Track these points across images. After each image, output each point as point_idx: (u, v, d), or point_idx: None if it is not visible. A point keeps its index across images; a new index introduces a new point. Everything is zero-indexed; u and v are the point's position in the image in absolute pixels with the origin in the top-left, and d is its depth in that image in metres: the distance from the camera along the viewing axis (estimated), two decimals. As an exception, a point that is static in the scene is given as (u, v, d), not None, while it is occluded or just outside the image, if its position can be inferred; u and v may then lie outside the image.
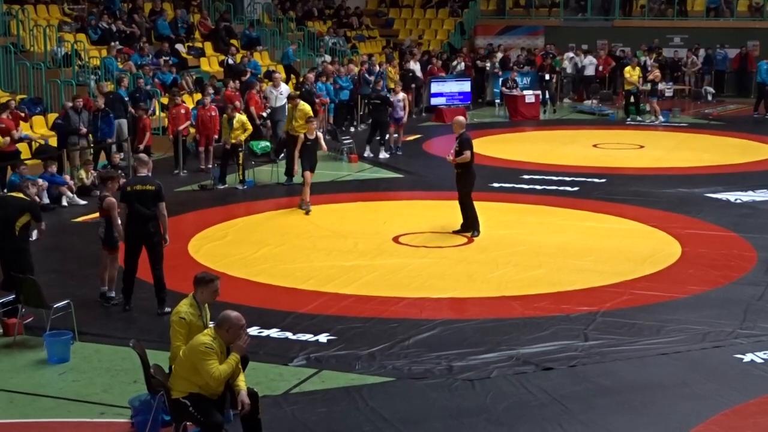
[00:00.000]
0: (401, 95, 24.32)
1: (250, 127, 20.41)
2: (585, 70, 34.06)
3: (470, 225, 15.68)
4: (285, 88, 23.62)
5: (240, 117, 20.11)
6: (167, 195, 17.78)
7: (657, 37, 35.58)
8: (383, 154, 23.18)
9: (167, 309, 11.51)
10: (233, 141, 19.59)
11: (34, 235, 12.36)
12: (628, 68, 30.43)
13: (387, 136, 23.53)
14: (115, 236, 12.37)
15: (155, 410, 8.60)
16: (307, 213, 17.20)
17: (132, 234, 11.99)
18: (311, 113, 19.48)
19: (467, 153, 15.43)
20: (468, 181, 15.64)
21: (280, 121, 22.78)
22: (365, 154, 23.15)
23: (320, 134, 17.92)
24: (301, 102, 19.92)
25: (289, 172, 19.95)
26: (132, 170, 12.58)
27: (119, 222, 12.24)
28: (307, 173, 17.40)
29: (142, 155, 13.08)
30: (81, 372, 10.32)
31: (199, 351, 7.97)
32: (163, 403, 8.43)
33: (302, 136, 17.52)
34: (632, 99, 30.21)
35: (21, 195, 11.80)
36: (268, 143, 22.23)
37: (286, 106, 20.86)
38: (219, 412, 8.08)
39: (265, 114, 23.55)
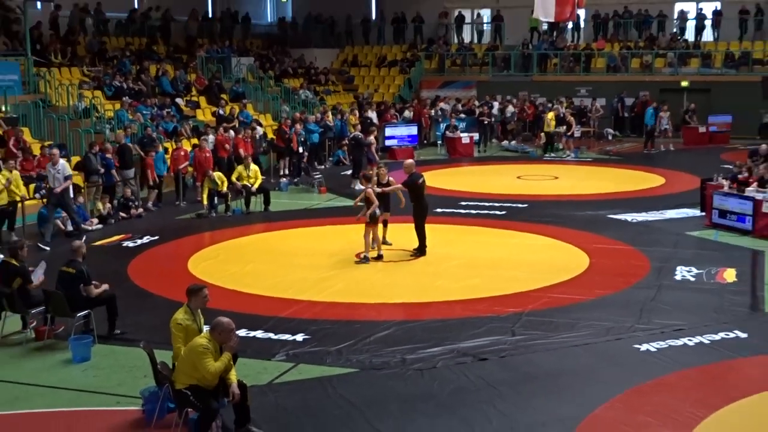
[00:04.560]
0: (371, 138, 24.50)
1: (225, 179, 20.40)
2: (508, 116, 34.23)
3: (419, 247, 15.59)
4: (63, 166, 17.04)
5: (217, 173, 20.28)
6: (171, 222, 17.75)
7: (567, 89, 35.88)
8: (358, 186, 23.07)
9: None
10: (220, 189, 19.92)
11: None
12: (551, 114, 30.57)
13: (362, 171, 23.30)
14: (374, 213, 14.79)
15: (162, 399, 8.56)
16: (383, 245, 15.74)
17: None
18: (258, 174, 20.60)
19: (398, 185, 15.54)
20: (420, 211, 15.50)
21: (59, 206, 17.13)
22: (352, 186, 23.05)
23: (392, 179, 15.91)
24: (253, 164, 20.90)
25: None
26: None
27: (376, 201, 14.83)
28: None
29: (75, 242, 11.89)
30: (100, 369, 10.26)
31: (197, 351, 7.95)
32: (168, 393, 8.40)
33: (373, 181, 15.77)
34: (547, 139, 30.46)
35: (13, 261, 11.48)
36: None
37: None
38: (215, 400, 8.05)
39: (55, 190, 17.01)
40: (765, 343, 10.80)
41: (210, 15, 38.21)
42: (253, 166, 20.85)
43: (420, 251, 15.54)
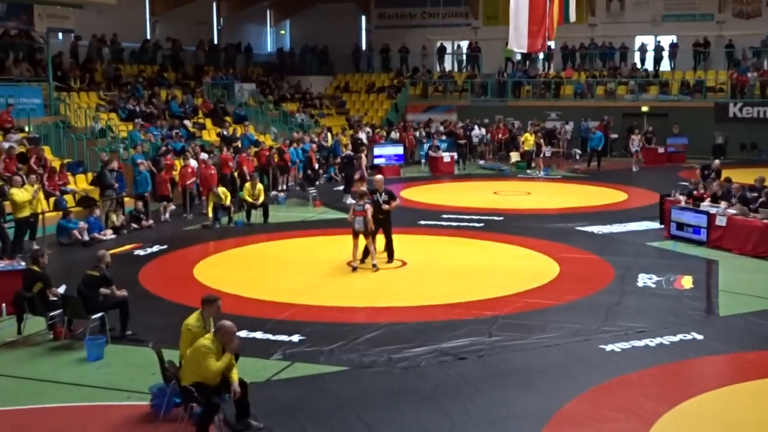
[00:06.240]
0: (362, 156, 24.57)
1: (228, 193, 20.33)
2: (482, 139, 34.26)
3: (390, 254, 15.51)
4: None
5: (221, 188, 20.16)
6: (179, 232, 17.61)
7: (538, 113, 35.95)
8: (349, 200, 22.98)
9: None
10: (225, 203, 19.80)
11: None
12: (526, 135, 30.62)
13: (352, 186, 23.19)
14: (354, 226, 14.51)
15: (169, 395, 8.49)
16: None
17: None
18: (262, 192, 20.29)
19: (398, 200, 15.34)
20: (390, 223, 15.50)
21: None
22: (343, 200, 22.85)
23: (368, 206, 14.91)
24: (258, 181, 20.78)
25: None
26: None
27: (370, 218, 14.45)
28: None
29: (101, 251, 11.80)
30: (112, 367, 10.15)
31: (201, 351, 7.88)
32: (174, 389, 8.32)
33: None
34: (525, 157, 30.51)
35: (35, 267, 11.43)
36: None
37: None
38: (217, 396, 7.97)
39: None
40: (719, 344, 10.78)
41: (216, 45, 38.18)
42: (259, 185, 20.71)
43: (390, 256, 15.44)
